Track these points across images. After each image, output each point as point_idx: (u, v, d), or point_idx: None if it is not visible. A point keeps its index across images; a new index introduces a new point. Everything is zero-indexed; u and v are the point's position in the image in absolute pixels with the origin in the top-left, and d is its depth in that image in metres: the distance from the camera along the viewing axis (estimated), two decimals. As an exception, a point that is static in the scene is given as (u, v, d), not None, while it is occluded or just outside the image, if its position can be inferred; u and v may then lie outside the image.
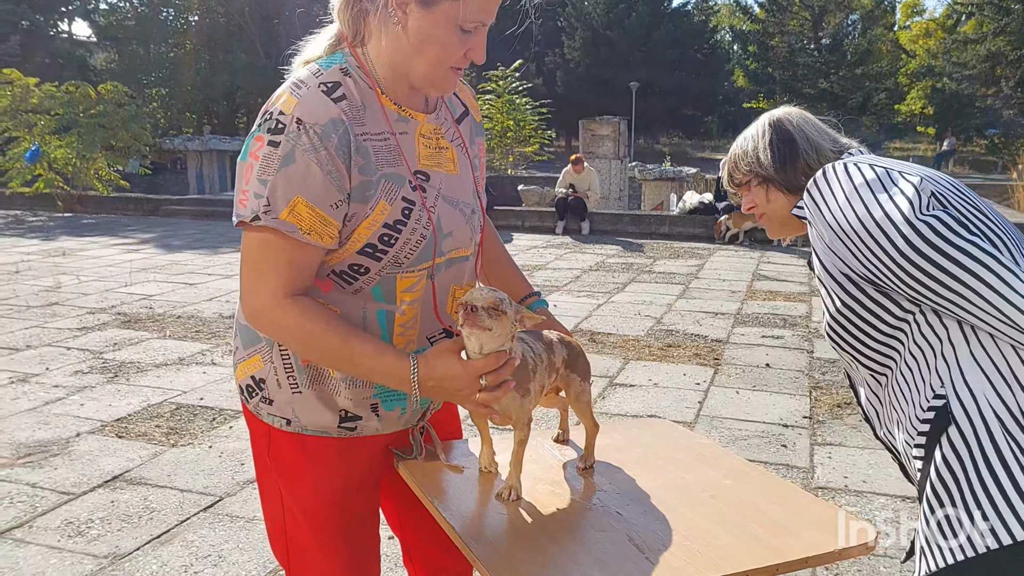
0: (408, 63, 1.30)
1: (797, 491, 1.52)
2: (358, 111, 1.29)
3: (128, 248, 10.09)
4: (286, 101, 1.26)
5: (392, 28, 1.28)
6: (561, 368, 1.50)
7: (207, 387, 4.56)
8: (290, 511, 1.46)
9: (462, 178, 1.44)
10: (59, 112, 14.02)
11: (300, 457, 1.41)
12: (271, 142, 1.23)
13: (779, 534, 1.29)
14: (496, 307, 1.28)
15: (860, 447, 3.79)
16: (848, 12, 33.65)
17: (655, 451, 1.64)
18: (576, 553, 1.23)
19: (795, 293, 7.56)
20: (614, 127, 14.89)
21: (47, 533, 2.86)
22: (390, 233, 1.31)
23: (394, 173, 1.31)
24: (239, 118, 30.16)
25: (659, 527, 1.30)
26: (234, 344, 1.46)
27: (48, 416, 4.05)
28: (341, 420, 1.39)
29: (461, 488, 1.45)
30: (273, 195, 1.22)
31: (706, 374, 4.94)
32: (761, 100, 35.89)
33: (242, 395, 1.44)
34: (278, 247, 1.25)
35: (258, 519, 3.00)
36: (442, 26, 1.25)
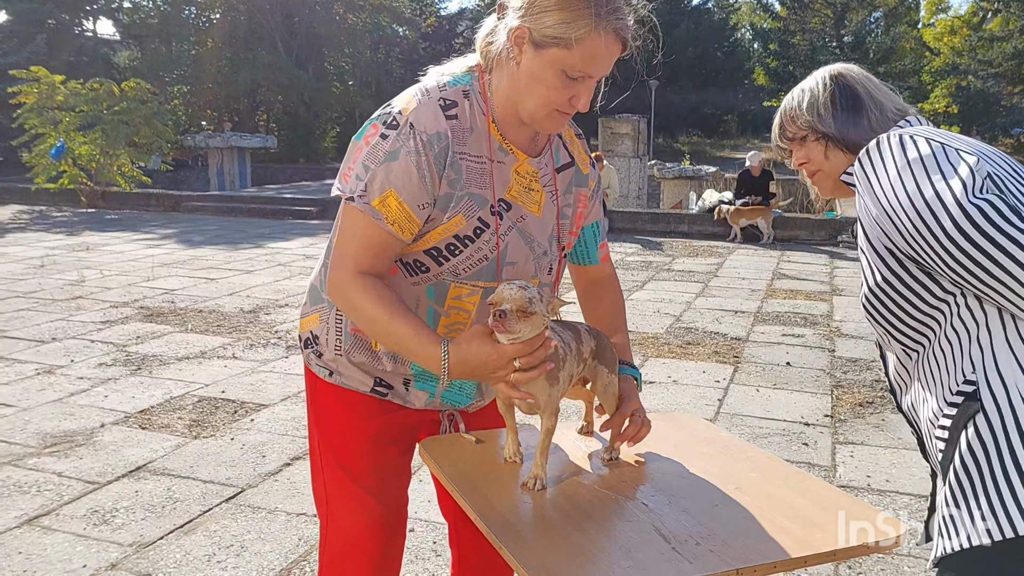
0: (519, 98, 1.39)
1: (823, 485, 1.51)
2: (464, 132, 1.40)
3: (150, 243, 10.19)
4: (407, 103, 1.39)
5: (510, 64, 1.38)
6: (589, 359, 1.50)
7: (228, 380, 4.60)
8: (326, 459, 1.60)
9: (543, 221, 1.51)
10: (84, 109, 14.17)
11: (338, 405, 1.57)
12: (383, 134, 1.37)
13: (806, 527, 1.28)
14: (525, 309, 1.28)
15: (883, 446, 3.76)
16: (871, 9, 33.31)
17: (679, 444, 1.63)
18: (602, 542, 1.23)
19: (816, 292, 7.51)
20: (634, 125, 14.83)
21: (73, 521, 2.90)
22: (457, 245, 1.42)
23: (479, 195, 1.41)
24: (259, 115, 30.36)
25: (685, 518, 1.29)
26: (304, 299, 1.64)
27: (73, 407, 4.10)
28: (375, 384, 1.55)
29: (487, 476, 1.45)
30: (372, 183, 1.36)
31: (726, 372, 4.92)
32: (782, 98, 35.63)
33: (300, 344, 1.64)
34: (363, 229, 1.38)
35: (280, 510, 3.02)
36: (549, 69, 1.33)
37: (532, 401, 1.37)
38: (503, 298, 1.29)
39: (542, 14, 1.30)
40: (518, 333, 1.29)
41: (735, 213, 10.92)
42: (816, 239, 11.07)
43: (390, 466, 1.61)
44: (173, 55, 27.56)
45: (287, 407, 4.17)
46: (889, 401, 4.39)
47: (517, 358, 1.31)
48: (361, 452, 1.58)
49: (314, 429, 1.65)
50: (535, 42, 1.32)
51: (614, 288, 1.73)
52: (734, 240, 10.91)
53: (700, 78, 33.98)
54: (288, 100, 27.05)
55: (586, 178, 1.60)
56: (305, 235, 11.13)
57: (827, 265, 9.15)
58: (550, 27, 1.30)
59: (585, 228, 1.65)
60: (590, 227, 1.67)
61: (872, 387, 4.63)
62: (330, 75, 29.33)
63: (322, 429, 1.62)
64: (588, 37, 1.30)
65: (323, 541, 1.65)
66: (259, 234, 11.17)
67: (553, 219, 1.53)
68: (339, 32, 28.73)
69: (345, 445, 1.59)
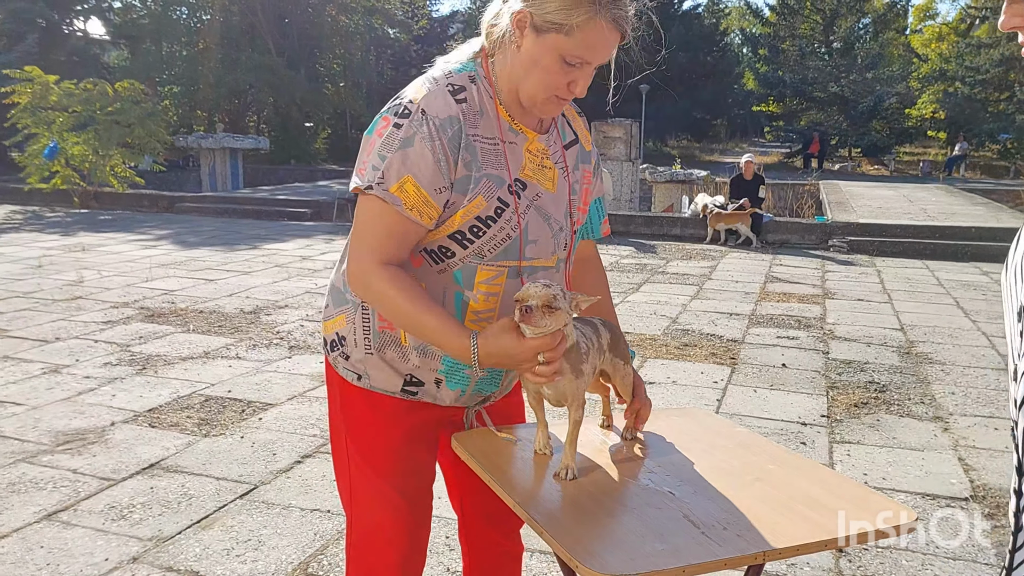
0: (518, 79, 1.44)
1: (837, 475, 1.59)
2: (475, 115, 1.43)
3: (146, 244, 10.20)
4: (416, 91, 1.43)
5: (511, 46, 1.43)
6: (606, 351, 1.59)
7: (234, 380, 4.65)
8: (354, 459, 1.60)
9: (557, 197, 1.55)
10: (77, 109, 14.14)
11: (366, 409, 1.58)
12: (396, 124, 1.40)
13: (825, 514, 1.36)
14: (550, 304, 1.36)
15: (879, 445, 3.86)
16: (860, 16, 33.61)
17: (698, 438, 1.71)
18: (634, 526, 1.31)
19: (808, 295, 7.62)
20: (626, 129, 14.94)
21: (92, 516, 2.96)
22: (480, 226, 1.45)
23: (496, 175, 1.45)
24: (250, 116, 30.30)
25: (711, 505, 1.37)
26: (325, 302, 1.64)
27: (82, 406, 4.15)
28: (405, 384, 1.55)
29: (519, 468, 1.53)
30: (388, 170, 1.39)
31: (723, 373, 5.01)
32: (771, 103, 35.86)
33: (325, 347, 1.63)
34: (382, 217, 1.41)
35: (294, 506, 3.08)
36: (548, 54, 1.39)
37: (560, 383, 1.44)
38: (529, 295, 1.38)
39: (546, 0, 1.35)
40: (544, 327, 1.38)
41: (714, 217, 11.12)
42: (807, 243, 11.20)
43: (418, 464, 1.64)
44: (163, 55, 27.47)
45: (294, 406, 4.23)
46: (883, 402, 4.50)
47: (541, 352, 1.39)
48: (390, 454, 1.59)
49: (341, 432, 1.64)
50: (536, 26, 1.37)
51: (599, 263, 1.81)
52: (714, 243, 11.08)
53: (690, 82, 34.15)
54: (280, 101, 26.99)
55: (589, 155, 1.66)
56: (301, 236, 11.17)
57: (819, 269, 9.28)
58: (551, 12, 1.35)
59: (591, 203, 1.70)
60: (595, 203, 1.72)
61: (866, 388, 4.74)
62: (322, 76, 29.30)
63: (352, 433, 1.62)
64: (587, 24, 1.35)
65: (350, 538, 1.67)
66: (255, 235, 11.20)
67: (566, 195, 1.57)
68: (331, 34, 28.70)
69: (374, 448, 1.60)
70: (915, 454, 3.77)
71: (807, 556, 2.78)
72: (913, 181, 22.45)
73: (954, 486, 3.42)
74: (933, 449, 3.83)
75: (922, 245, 10.47)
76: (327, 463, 3.49)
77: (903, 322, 6.54)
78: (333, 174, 21.81)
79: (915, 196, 15.91)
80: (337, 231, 11.73)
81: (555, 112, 1.49)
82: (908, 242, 10.57)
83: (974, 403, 4.52)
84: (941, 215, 12.47)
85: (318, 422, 3.99)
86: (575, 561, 1.19)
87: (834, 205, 13.69)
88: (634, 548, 1.23)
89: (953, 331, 6.25)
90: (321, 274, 8.23)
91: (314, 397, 4.37)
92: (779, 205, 16.66)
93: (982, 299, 7.59)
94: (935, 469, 3.59)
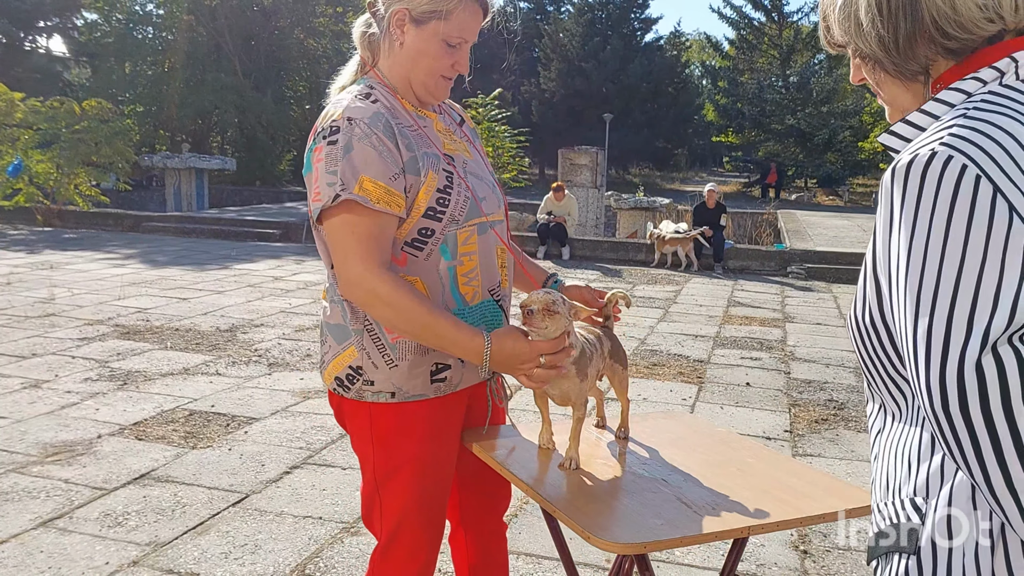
0: (408, 74, 1.61)
1: (809, 468, 1.79)
2: (390, 110, 1.58)
3: (114, 263, 10.17)
4: (333, 110, 1.55)
5: (394, 46, 1.59)
6: (607, 357, 1.77)
7: (217, 395, 4.73)
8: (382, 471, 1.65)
9: (477, 161, 1.75)
10: (43, 127, 14.05)
11: (402, 421, 1.63)
12: (330, 142, 1.51)
13: (800, 498, 1.55)
14: (550, 309, 1.55)
15: (838, 458, 4.09)
16: (815, 51, 34.75)
17: (684, 437, 1.90)
18: (635, 507, 1.48)
19: (769, 319, 7.91)
20: (592, 157, 15.30)
21: (87, 523, 3.03)
22: (443, 196, 1.59)
23: (431, 152, 1.61)
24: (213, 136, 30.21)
25: (701, 491, 1.56)
26: (325, 347, 1.68)
27: (67, 419, 4.20)
28: (433, 375, 1.62)
29: (528, 461, 1.69)
30: (343, 177, 1.48)
31: (691, 391, 5.23)
32: (730, 134, 36.76)
33: (339, 387, 1.65)
34: (356, 221, 1.49)
35: (287, 513, 3.19)
36: (431, 41, 1.56)
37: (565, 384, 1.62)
38: (532, 300, 1.56)
39: None
40: (545, 329, 1.56)
41: (659, 241, 11.54)
42: (767, 269, 11.57)
43: (446, 461, 1.70)
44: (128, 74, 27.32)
45: (278, 420, 4.32)
46: (842, 418, 4.74)
47: (543, 354, 1.55)
48: (423, 451, 1.64)
49: (374, 454, 1.66)
50: (416, 19, 1.54)
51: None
52: (661, 266, 11.49)
53: (652, 112, 34.92)
54: (245, 122, 27.01)
55: (476, 132, 1.86)
56: (270, 257, 11.21)
57: (778, 294, 9.61)
58: (426, 3, 1.53)
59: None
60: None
61: (826, 406, 4.98)
62: (288, 99, 29.38)
63: (388, 452, 1.64)
64: (460, 6, 1.54)
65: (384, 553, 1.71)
66: (224, 255, 11.22)
67: (481, 159, 1.75)
68: (298, 56, 28.85)
69: (408, 450, 1.63)
70: (871, 466, 4.00)
71: (774, 557, 2.98)
72: (866, 211, 23.21)
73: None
74: (888, 462, 4.07)
75: (876, 273, 10.88)
76: (316, 474, 3.61)
77: (859, 345, 6.83)
78: (299, 196, 21.83)
79: (868, 226, 16.48)
80: (307, 252, 11.80)
81: (445, 93, 1.66)
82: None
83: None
84: (893, 244, 12.93)
85: (303, 435, 4.09)
86: (587, 533, 1.35)
87: (792, 233, 14.14)
88: (637, 523, 1.41)
89: (906, 354, 6.55)
90: (294, 294, 8.31)
91: (297, 412, 4.48)
92: (739, 233, 17.13)
93: (932, 324, 7.94)
94: (891, 480, 3.82)
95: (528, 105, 34.82)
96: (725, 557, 1.86)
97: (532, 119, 31.84)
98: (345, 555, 2.87)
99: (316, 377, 5.16)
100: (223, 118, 28.05)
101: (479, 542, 1.94)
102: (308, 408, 4.54)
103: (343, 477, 3.57)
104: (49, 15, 25.94)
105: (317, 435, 4.10)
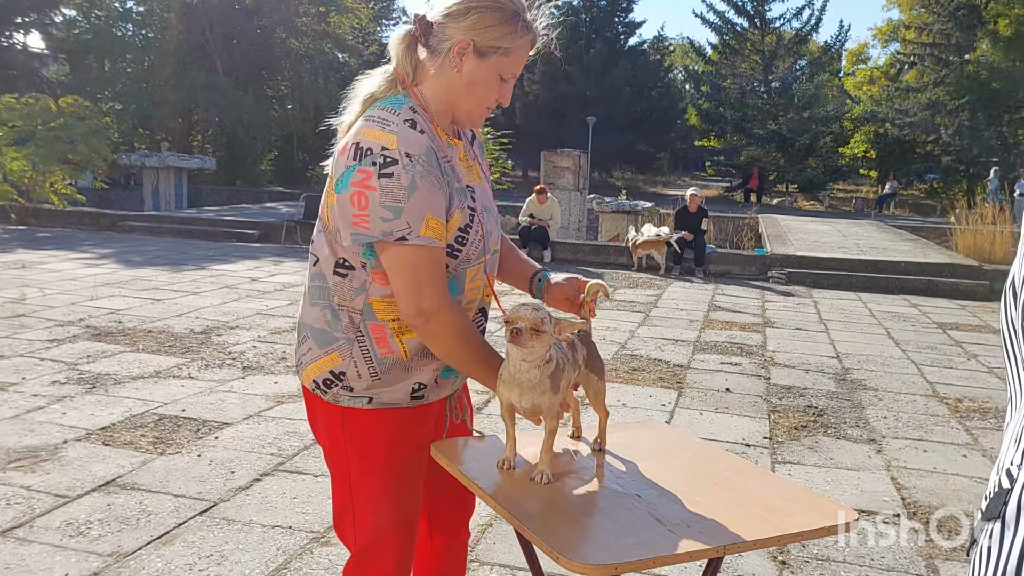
0: (457, 101, 1.61)
1: (786, 481, 1.74)
2: (432, 139, 1.57)
3: (88, 263, 10.00)
4: (384, 138, 1.51)
5: (449, 71, 1.58)
6: (582, 366, 1.71)
7: (188, 399, 4.63)
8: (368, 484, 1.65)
9: (485, 188, 1.75)
10: (17, 124, 13.82)
11: (376, 425, 1.64)
12: (384, 174, 1.48)
13: (777, 514, 1.50)
14: (537, 328, 1.49)
15: (817, 466, 4.06)
16: (797, 57, 34.94)
17: (660, 448, 1.85)
18: (607, 525, 1.42)
19: (750, 324, 7.90)
20: (575, 160, 15.27)
21: (48, 532, 2.94)
22: (462, 235, 1.60)
23: (459, 187, 1.61)
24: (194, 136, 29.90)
25: (675, 507, 1.50)
26: (303, 348, 1.67)
27: (32, 424, 4.09)
28: (412, 392, 1.65)
29: (495, 473, 1.63)
30: (411, 218, 1.49)
31: (670, 396, 5.19)
32: (712, 139, 36.90)
33: (316, 388, 1.65)
34: (428, 259, 1.52)
35: (255, 523, 3.11)
36: (488, 74, 1.58)
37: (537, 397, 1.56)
38: (519, 317, 1.49)
39: (486, 28, 1.54)
40: (530, 349, 1.49)
41: (635, 245, 11.59)
42: (747, 274, 11.58)
43: (420, 469, 1.70)
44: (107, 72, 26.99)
45: (250, 426, 4.24)
46: (821, 425, 4.72)
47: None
48: (397, 457, 1.65)
49: (344, 459, 1.66)
50: (480, 51, 1.55)
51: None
52: (639, 270, 11.46)
53: (635, 116, 34.96)
54: (226, 121, 26.73)
55: (482, 146, 1.84)
56: (248, 258, 11.08)
57: (759, 299, 9.61)
58: (495, 39, 1.54)
59: None
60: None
61: (805, 412, 4.96)
62: (270, 98, 29.14)
63: (358, 453, 1.65)
64: (521, 45, 1.58)
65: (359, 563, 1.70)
66: (201, 256, 11.07)
67: (487, 183, 1.77)
68: (281, 56, 28.63)
69: (383, 455, 1.64)
70: (851, 473, 3.98)
71: (752, 568, 2.93)
72: (846, 217, 23.36)
73: (887, 503, 3.62)
74: (867, 469, 4.05)
75: (855, 278, 10.93)
76: (287, 481, 3.53)
77: (839, 350, 6.84)
78: (279, 196, 21.66)
79: (848, 231, 16.57)
80: (286, 253, 11.67)
81: (482, 123, 1.70)
82: (843, 275, 11.03)
83: (904, 426, 4.77)
84: (873, 250, 13.02)
85: (275, 441, 4.01)
86: (555, 553, 1.29)
87: (773, 238, 14.17)
88: (608, 542, 1.35)
89: (885, 359, 6.56)
90: (271, 296, 8.20)
91: (270, 417, 4.39)
92: (720, 237, 17.15)
93: (911, 330, 7.97)
94: (869, 487, 3.80)
95: (511, 107, 34.78)
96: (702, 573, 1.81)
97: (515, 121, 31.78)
98: (314, 566, 2.80)
99: (291, 381, 5.08)
100: (204, 117, 27.78)
101: (443, 551, 1.91)
102: (281, 413, 4.46)
103: (314, 485, 3.49)
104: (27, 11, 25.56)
105: (289, 441, 4.02)
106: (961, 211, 14.85)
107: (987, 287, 10.54)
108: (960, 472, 4.06)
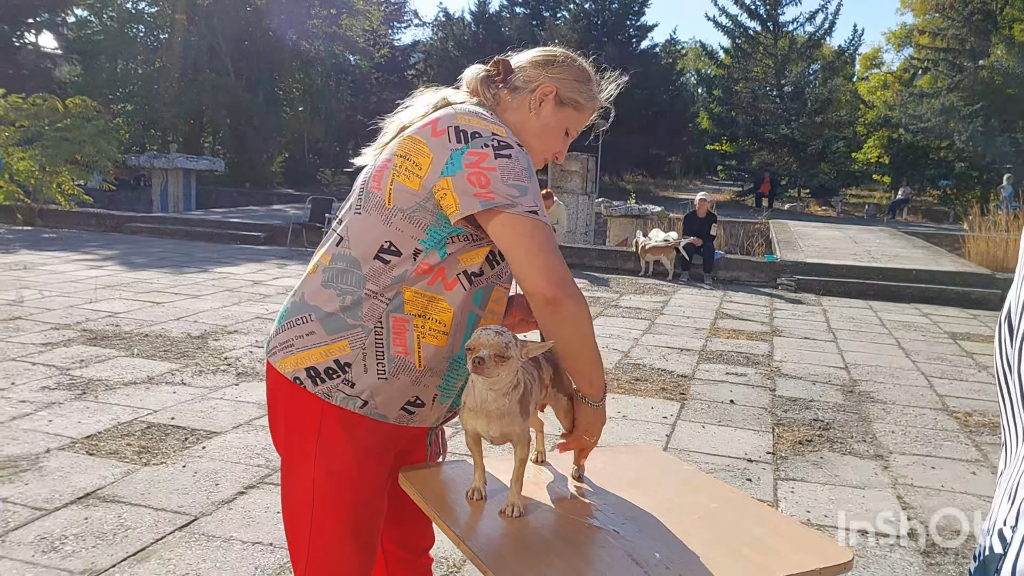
0: (527, 141, 1.59)
1: (777, 515, 1.62)
2: None
3: (91, 264, 9.96)
4: (491, 126, 1.50)
5: (526, 112, 1.62)
6: (549, 386, 1.59)
7: (178, 407, 4.54)
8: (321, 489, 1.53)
9: None
10: (24, 124, 13.83)
11: (355, 434, 1.52)
12: (502, 155, 1.46)
13: (765, 553, 1.38)
14: (502, 354, 1.36)
15: (821, 483, 3.92)
16: (810, 62, 34.67)
17: (644, 475, 1.73)
18: (581, 567, 1.31)
19: (757, 332, 7.76)
20: (583, 163, 15.13)
21: (21, 548, 2.84)
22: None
23: None
24: (205, 137, 29.95)
25: (655, 545, 1.38)
26: (298, 330, 1.52)
27: (16, 431, 4.01)
28: (405, 405, 1.54)
29: (463, 504, 1.52)
30: (535, 197, 1.47)
31: (673, 408, 5.06)
32: (724, 143, 36.69)
33: (303, 379, 1.51)
34: (550, 235, 1.48)
35: (235, 539, 3.01)
36: (560, 124, 1.64)
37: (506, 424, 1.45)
38: (481, 343, 1.36)
39: (573, 81, 1.62)
40: (496, 378, 1.38)
41: (643, 250, 11.43)
42: (756, 280, 11.43)
43: (384, 493, 1.62)
44: (119, 73, 27.08)
45: (239, 435, 4.14)
46: (827, 440, 4.58)
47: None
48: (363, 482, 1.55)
49: (310, 460, 1.54)
50: (560, 100, 1.61)
51: None
52: (647, 275, 11.32)
53: (646, 120, 34.78)
54: (236, 123, 26.79)
55: None
56: (253, 260, 11.02)
57: (767, 306, 9.46)
58: (577, 93, 1.63)
59: None
60: None
61: (811, 426, 4.82)
62: (280, 100, 29.17)
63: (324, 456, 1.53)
64: (592, 105, 1.67)
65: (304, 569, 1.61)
66: (205, 258, 11.02)
67: None
68: (291, 58, 28.63)
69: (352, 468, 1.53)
70: (856, 492, 3.84)
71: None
72: (859, 223, 23.12)
73: (892, 524, 3.49)
74: (873, 487, 3.91)
75: (866, 286, 10.76)
76: (272, 494, 3.43)
77: (847, 361, 6.69)
78: (289, 198, 21.64)
79: (860, 237, 16.38)
80: (291, 256, 11.61)
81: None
82: (853, 282, 10.86)
83: (913, 442, 4.63)
84: (884, 257, 12.84)
85: (264, 451, 3.91)
86: (518, 601, 1.18)
87: (783, 244, 14.01)
88: (578, 588, 1.24)
89: (894, 371, 6.41)
90: (273, 299, 8.12)
91: (260, 426, 4.29)
92: (730, 243, 16.98)
93: (922, 340, 7.81)
94: (875, 507, 3.66)
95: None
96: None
97: (525, 124, 31.71)
98: (293, 586, 2.69)
99: (284, 388, 4.98)
100: (214, 118, 27.83)
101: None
102: (272, 422, 4.35)
103: (300, 498, 3.38)
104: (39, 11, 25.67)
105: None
106: (974, 218, 14.64)
107: (999, 296, 10.34)
108: (968, 490, 3.92)
